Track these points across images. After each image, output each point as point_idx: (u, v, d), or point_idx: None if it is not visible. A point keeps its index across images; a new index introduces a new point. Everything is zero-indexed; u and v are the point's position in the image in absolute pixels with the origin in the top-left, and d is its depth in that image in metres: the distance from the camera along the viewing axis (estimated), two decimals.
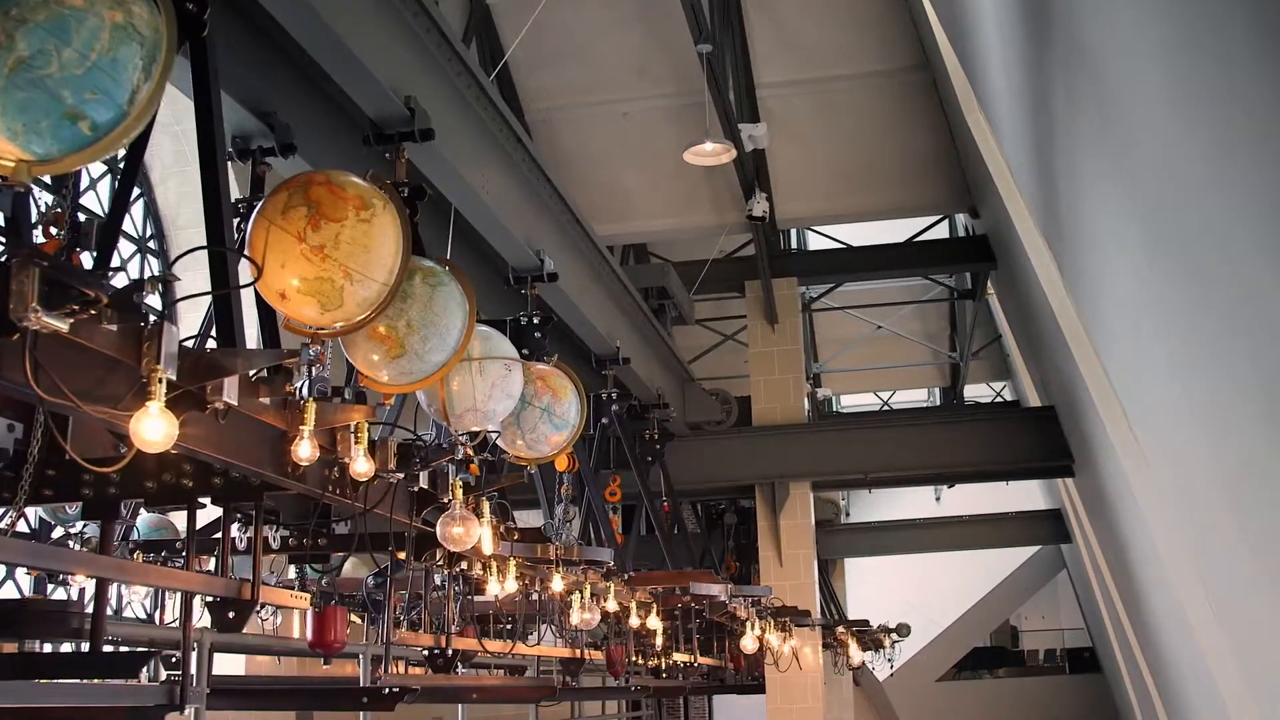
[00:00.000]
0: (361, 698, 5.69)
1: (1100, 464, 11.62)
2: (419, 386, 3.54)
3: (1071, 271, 8.50)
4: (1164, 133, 4.91)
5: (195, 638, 5.37)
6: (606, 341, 10.38)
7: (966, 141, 13.02)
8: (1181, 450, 6.84)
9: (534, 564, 5.77)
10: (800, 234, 18.20)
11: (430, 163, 6.94)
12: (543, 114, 14.03)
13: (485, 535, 4.31)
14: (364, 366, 3.47)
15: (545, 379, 4.59)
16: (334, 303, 3.00)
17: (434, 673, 5.63)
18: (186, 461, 3.89)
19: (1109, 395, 9.04)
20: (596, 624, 6.55)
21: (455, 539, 4.03)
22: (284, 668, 9.10)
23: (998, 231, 14.03)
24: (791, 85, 13.78)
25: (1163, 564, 9.37)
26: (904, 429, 14.88)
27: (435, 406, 3.84)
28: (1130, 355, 7.46)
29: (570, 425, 4.61)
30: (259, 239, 2.95)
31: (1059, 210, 8.11)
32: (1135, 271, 6.10)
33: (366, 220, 3.01)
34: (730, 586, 8.38)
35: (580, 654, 7.79)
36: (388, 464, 3.75)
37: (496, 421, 3.95)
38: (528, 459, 4.67)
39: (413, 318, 3.37)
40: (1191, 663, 9.96)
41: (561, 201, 9.12)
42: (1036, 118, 7.90)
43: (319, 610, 5.68)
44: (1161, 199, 5.22)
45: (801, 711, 13.80)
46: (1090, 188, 6.70)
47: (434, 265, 3.59)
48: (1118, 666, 20.31)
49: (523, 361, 4.01)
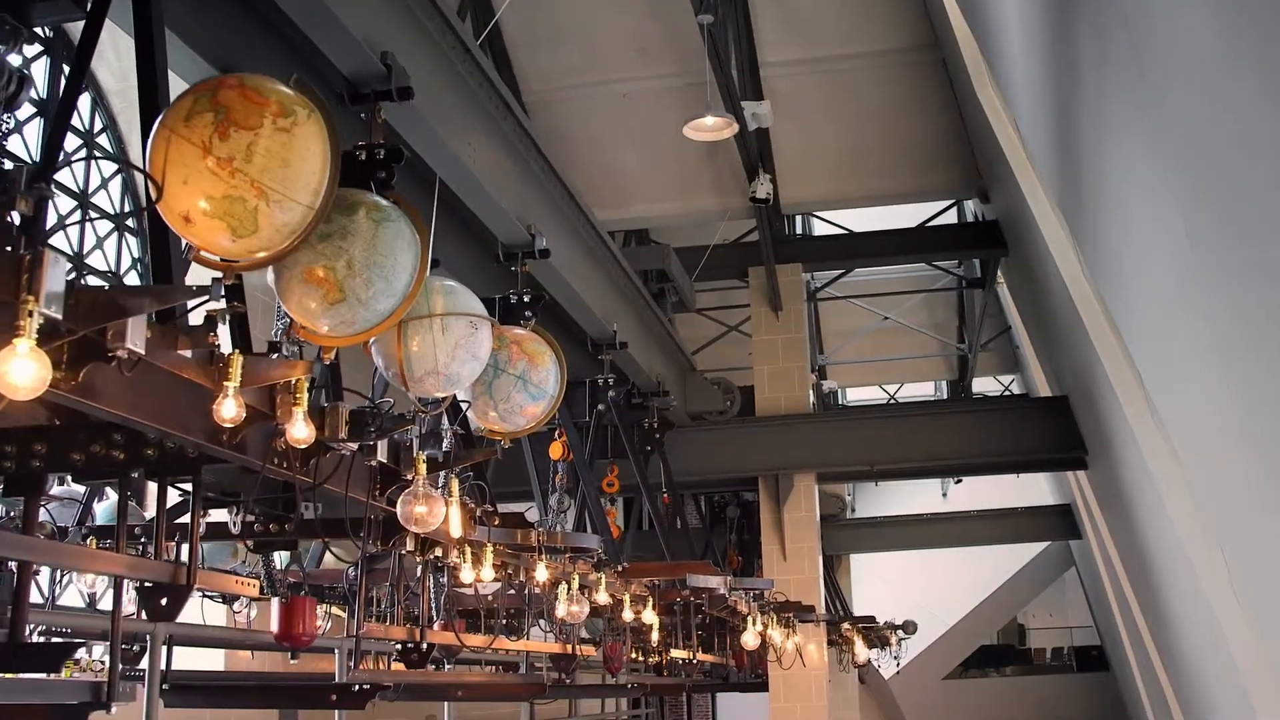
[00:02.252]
0: (331, 695, 5.29)
1: (1117, 455, 11.19)
2: (364, 338, 3.12)
3: (1092, 252, 8.07)
4: (1212, 94, 4.48)
5: (148, 630, 4.98)
6: (603, 324, 9.96)
7: (977, 122, 12.58)
8: (1216, 439, 6.41)
9: (516, 551, 5.36)
10: (806, 221, 17.77)
11: (411, 127, 6.53)
12: (541, 95, 13.60)
13: (454, 516, 3.90)
14: (300, 315, 3.05)
15: (521, 344, 4.17)
16: (248, 227, 2.57)
17: (408, 668, 5.22)
18: (117, 431, 3.49)
19: (1130, 383, 8.61)
20: (585, 617, 6.14)
21: (418, 519, 3.63)
22: (270, 664, 8.72)
23: (1009, 216, 13.60)
24: (796, 65, 13.33)
25: (1186, 559, 8.93)
26: (911, 419, 14.46)
27: (393, 370, 3.42)
28: (1159, 339, 7.02)
29: (548, 395, 4.19)
30: (158, 152, 2.53)
31: (1080, 187, 7.67)
32: (1172, 247, 5.64)
33: (286, 130, 2.58)
34: (730, 579, 7.96)
35: (572, 650, 7.38)
36: (338, 432, 3.33)
37: (462, 386, 3.53)
38: (501, 432, 4.26)
39: (354, 257, 2.95)
40: (1215, 661, 9.53)
41: (555, 176, 8.71)
42: (1058, 86, 7.46)
43: (286, 601, 5.30)
44: (1207, 168, 4.78)
45: (805, 710, 13.38)
46: (1119, 159, 6.26)
47: (379, 200, 3.17)
48: (1128, 665, 19.88)
49: (492, 321, 3.59)
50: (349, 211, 2.99)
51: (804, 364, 14.29)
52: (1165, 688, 14.12)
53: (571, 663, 7.28)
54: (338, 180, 2.76)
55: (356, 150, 5.72)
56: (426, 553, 4.83)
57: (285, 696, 5.42)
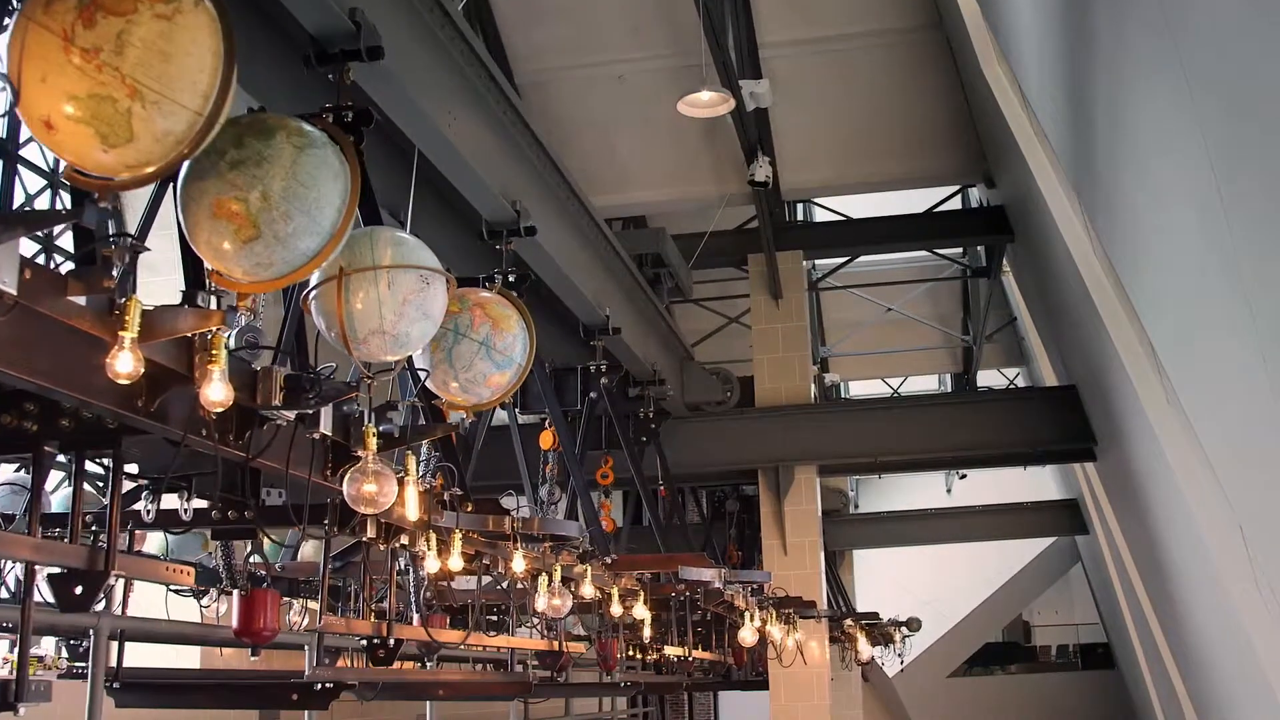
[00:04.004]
0: (292, 694, 4.92)
1: (1129, 445, 10.80)
2: (285, 282, 2.75)
3: (1107, 229, 7.68)
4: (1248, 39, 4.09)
5: (90, 623, 4.62)
6: (594, 309, 9.58)
7: (982, 104, 12.19)
8: (1244, 425, 6.02)
9: (492, 540, 4.98)
10: (807, 209, 17.38)
11: (386, 93, 6.15)
12: (534, 76, 13.22)
13: (410, 497, 3.53)
14: (211, 256, 2.67)
15: (484, 307, 3.78)
16: (121, 134, 2.18)
17: (374, 665, 4.84)
18: (30, 400, 3.12)
19: (1146, 367, 8.22)
20: (567, 612, 5.77)
21: (367, 499, 3.25)
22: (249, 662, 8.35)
23: (1016, 200, 13.21)
24: (796, 45, 12.93)
25: (1205, 551, 8.53)
26: (914, 410, 14.06)
27: (334, 330, 3.04)
28: (1182, 317, 6.62)
29: (515, 364, 3.81)
30: (15, 46, 2.14)
31: (1094, 160, 7.28)
32: (1201, 216, 5.24)
33: (166, 17, 2.18)
34: (725, 571, 7.57)
35: (560, 647, 7.00)
36: (271, 399, 2.95)
37: (412, 349, 3.15)
38: (463, 404, 3.88)
39: (270, 188, 2.57)
40: (1235, 657, 9.14)
41: (543, 152, 8.33)
42: (1072, 52, 7.08)
43: (246, 594, 4.94)
44: (1244, 124, 4.38)
45: (807, 709, 12.99)
46: (1141, 124, 5.86)
47: (303, 124, 2.79)
48: (1136, 663, 19.49)
49: (448, 276, 3.21)
50: (265, 136, 2.61)
51: (805, 353, 13.89)
52: (1177, 685, 13.72)
53: (559, 660, 6.89)
54: (232, 85, 2.37)
55: (323, 113, 5.40)
56: (391, 540, 4.46)
57: (244, 695, 5.06)
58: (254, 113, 2.64)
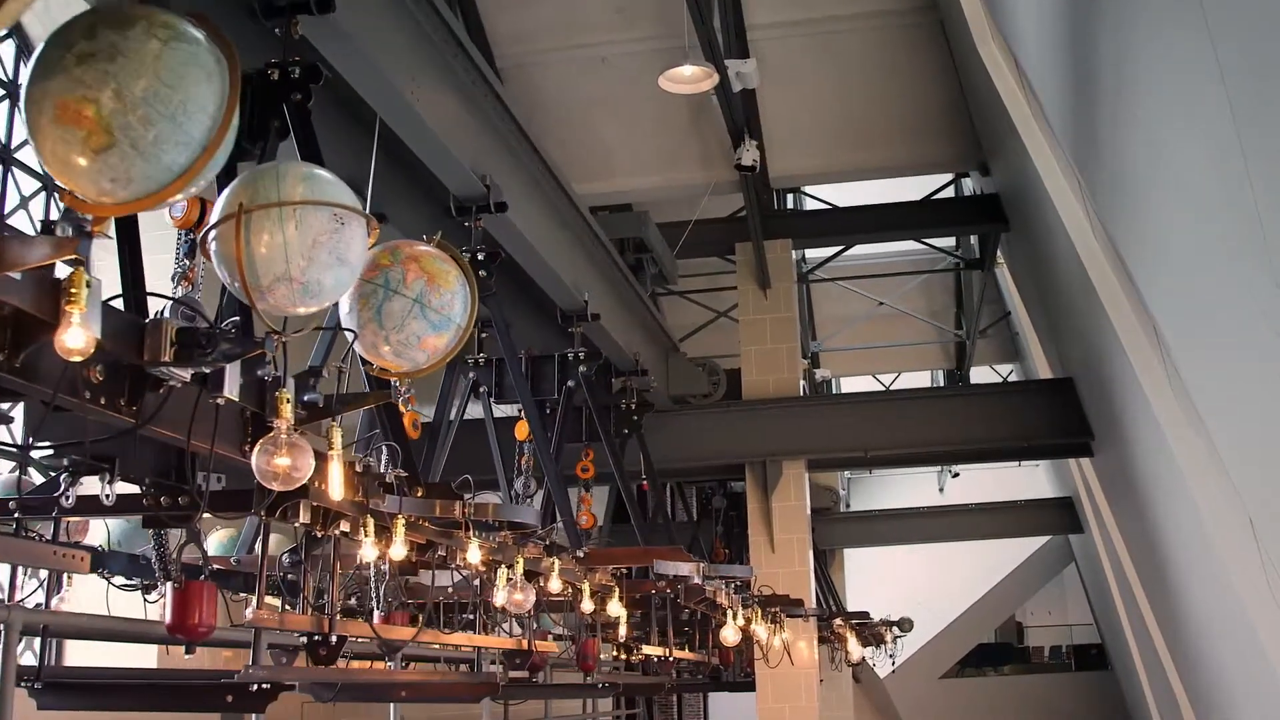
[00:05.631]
0: (227, 695, 4.52)
1: (1128, 438, 10.42)
2: (150, 204, 2.34)
3: (1109, 204, 7.29)
4: None
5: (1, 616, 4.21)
6: (572, 293, 9.18)
7: (978, 88, 11.81)
8: (1258, 411, 5.64)
9: (445, 529, 4.58)
10: (797, 200, 16.99)
11: (340, 53, 5.78)
12: (515, 59, 12.80)
13: (334, 473, 3.13)
14: (60, 170, 2.26)
15: (420, 260, 3.37)
16: None
17: (314, 664, 4.44)
18: None
19: (1148, 353, 7.84)
20: (529, 607, 5.36)
21: (279, 474, 2.85)
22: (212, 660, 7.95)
23: (1011, 187, 12.84)
24: (785, 26, 12.54)
25: (1210, 547, 8.15)
26: (906, 403, 13.67)
27: (235, 278, 2.63)
28: (1194, 301, 6.22)
29: (454, 325, 3.39)
30: None
31: (1096, 131, 6.88)
32: (1222, 185, 4.84)
33: None
34: (704, 566, 7.16)
35: (529, 646, 6.59)
36: (161, 354, 2.54)
37: (326, 300, 2.73)
38: (396, 370, 3.47)
39: (125, 86, 2.16)
40: (1240, 657, 8.76)
41: (516, 125, 7.93)
42: (1074, 15, 6.70)
43: (180, 587, 4.53)
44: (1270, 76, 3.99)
45: (795, 711, 12.59)
46: (1150, 86, 5.48)
47: (170, 15, 2.38)
48: (1132, 664, 19.13)
49: (368, 217, 2.80)
50: (122, 26, 2.21)
51: (794, 345, 13.49)
52: (1175, 687, 13.35)
53: (528, 660, 6.48)
54: None
55: (268, 69, 5.00)
56: (330, 528, 4.06)
57: (176, 696, 4.64)
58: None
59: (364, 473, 3.78)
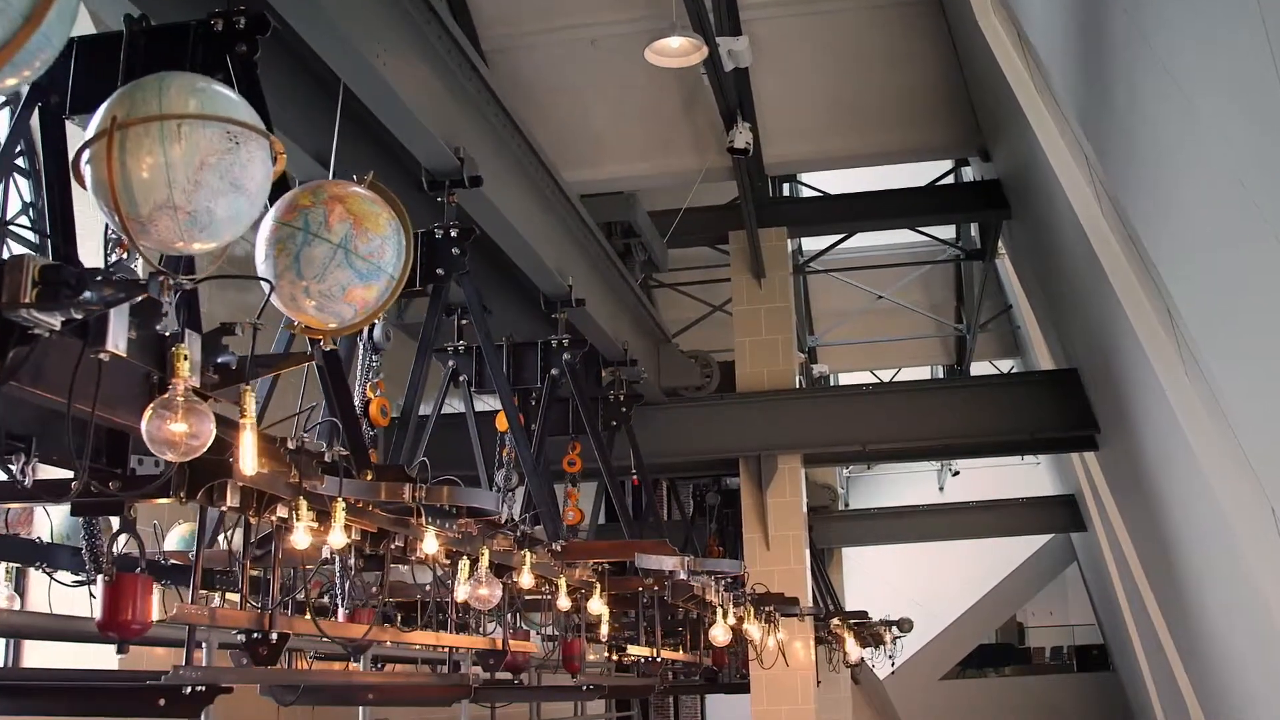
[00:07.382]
0: (159, 698, 4.10)
1: (1138, 429, 9.99)
2: None
3: (1121, 178, 6.87)
4: None
5: None
6: (555, 277, 8.76)
7: (979, 70, 11.40)
8: None
9: (399, 516, 4.16)
10: (793, 188, 16.57)
11: (295, 7, 5.37)
12: (501, 42, 12.37)
13: (245, 444, 2.71)
14: None
15: (344, 201, 2.94)
16: None
17: (256, 663, 4.03)
18: None
19: (1164, 340, 7.42)
20: (496, 602, 4.95)
21: (174, 441, 2.44)
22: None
23: (1014, 172, 12.42)
24: (779, 6, 12.12)
25: (1229, 543, 7.72)
26: (905, 396, 13.24)
27: (110, 207, 2.21)
28: (1216, 279, 5.80)
29: (385, 274, 2.97)
30: None
31: (1109, 99, 6.46)
32: (1260, 157, 4.42)
33: None
34: (690, 560, 6.74)
35: (504, 646, 6.17)
36: (21, 295, 2.13)
37: (220, 235, 2.31)
38: (319, 326, 3.05)
39: None
40: (1260, 658, 8.34)
41: (494, 98, 7.53)
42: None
43: (111, 582, 4.13)
44: None
45: (791, 713, 12.18)
46: (1176, 52, 5.07)
47: None
48: (1136, 664, 18.72)
49: (271, 138, 2.38)
50: None
51: (789, 336, 13.07)
52: (1184, 688, 12.93)
53: (502, 660, 6.06)
54: None
55: (211, 20, 4.61)
56: (263, 512, 3.64)
57: (104, 700, 4.23)
58: None
59: (298, 450, 3.37)
